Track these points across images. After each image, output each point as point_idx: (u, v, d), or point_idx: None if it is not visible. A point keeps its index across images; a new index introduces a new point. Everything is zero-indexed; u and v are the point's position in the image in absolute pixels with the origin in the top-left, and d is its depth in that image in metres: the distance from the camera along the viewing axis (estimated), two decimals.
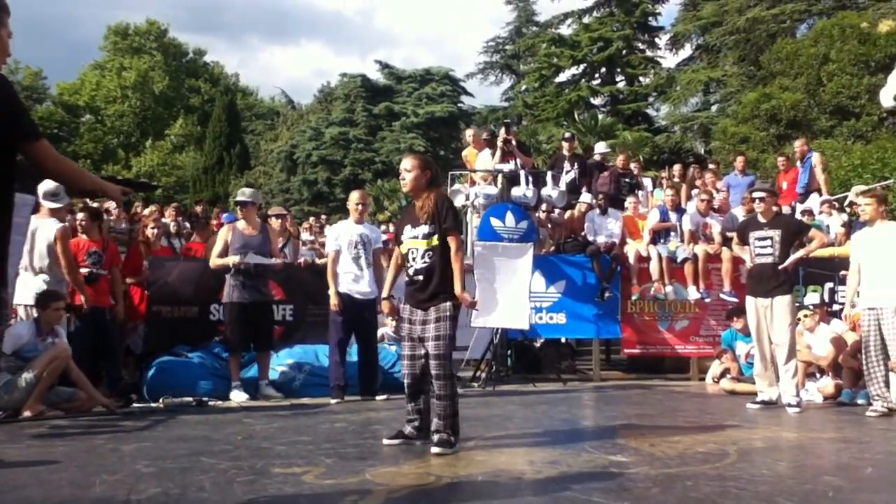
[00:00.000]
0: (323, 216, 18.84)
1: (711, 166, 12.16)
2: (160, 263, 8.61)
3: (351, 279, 7.58)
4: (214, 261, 7.63)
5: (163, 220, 10.33)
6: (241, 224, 7.74)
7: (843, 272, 9.59)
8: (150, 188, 28.99)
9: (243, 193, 7.86)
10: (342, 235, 7.68)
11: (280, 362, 7.96)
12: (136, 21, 47.91)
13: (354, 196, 7.94)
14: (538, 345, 10.30)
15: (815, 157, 11.80)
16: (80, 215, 7.66)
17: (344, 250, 7.62)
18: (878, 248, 6.83)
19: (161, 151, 42.59)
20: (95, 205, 8.75)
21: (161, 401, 7.10)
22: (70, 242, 7.02)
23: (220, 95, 39.83)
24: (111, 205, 9.84)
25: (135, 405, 7.01)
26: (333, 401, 7.33)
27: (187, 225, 11.59)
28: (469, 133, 12.01)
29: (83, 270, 7.14)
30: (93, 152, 41.90)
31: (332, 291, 7.53)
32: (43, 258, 6.79)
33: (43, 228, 6.78)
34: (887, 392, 6.80)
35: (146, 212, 12.34)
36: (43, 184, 6.77)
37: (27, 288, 6.68)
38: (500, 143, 9.95)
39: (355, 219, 7.80)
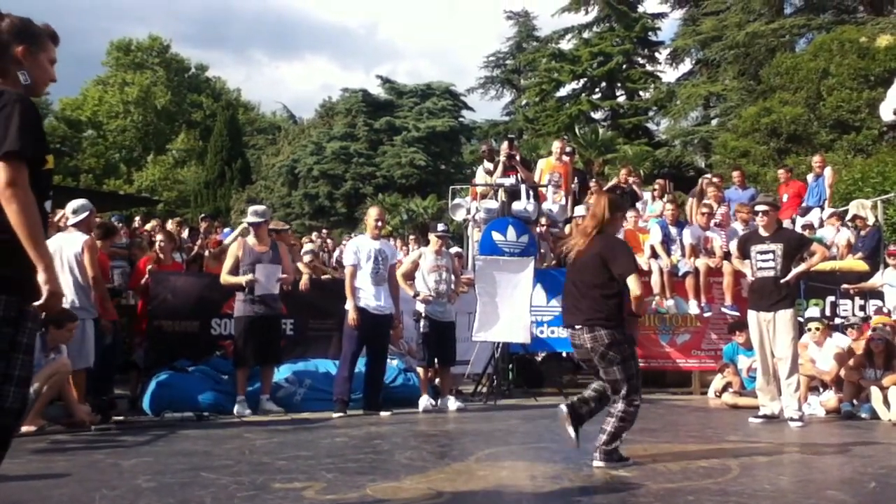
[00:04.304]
0: (324, 230, 18.88)
1: (715, 180, 12.18)
2: (162, 278, 8.60)
3: (369, 294, 7.60)
4: (225, 278, 7.62)
5: (172, 232, 10.35)
6: (251, 240, 7.73)
7: (844, 286, 9.62)
8: (151, 203, 29.12)
9: (256, 213, 7.83)
10: (361, 251, 7.70)
11: (281, 376, 7.93)
12: (139, 37, 48.27)
13: (373, 212, 8.00)
14: (539, 359, 10.28)
15: (829, 172, 11.86)
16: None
17: (363, 265, 7.64)
18: None
19: (163, 166, 42.75)
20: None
21: (162, 415, 7.07)
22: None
23: (222, 110, 40.00)
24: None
25: (131, 420, 6.97)
26: (335, 415, 7.31)
27: (188, 240, 11.61)
28: (556, 145, 11.93)
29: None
30: (95, 167, 42.07)
31: (350, 306, 7.53)
32: (71, 270, 6.80)
33: (70, 241, 6.86)
34: None
35: (148, 227, 12.40)
36: (69, 203, 7.11)
37: None
38: (503, 158, 9.98)
39: (373, 234, 7.84)
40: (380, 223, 7.90)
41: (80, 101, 45.18)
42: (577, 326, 4.97)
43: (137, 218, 14.90)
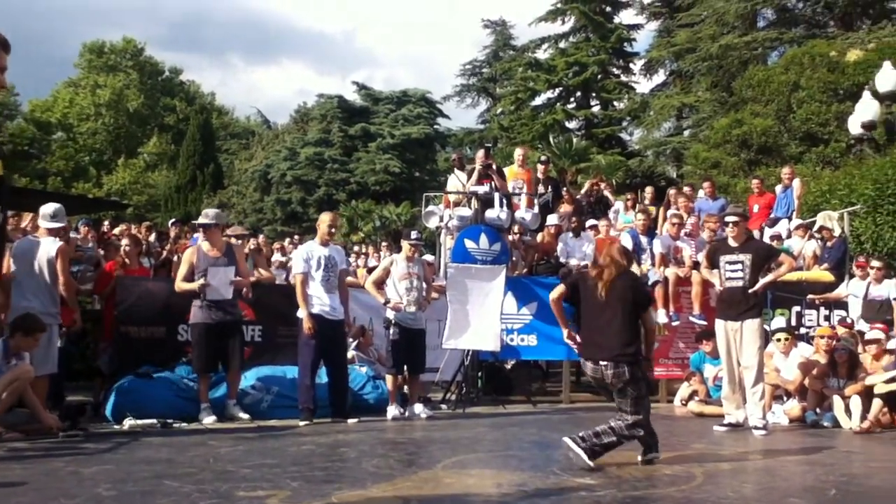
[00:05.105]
0: (296, 236, 18.77)
1: (686, 189, 12.31)
2: (129, 283, 8.49)
3: (323, 301, 7.53)
4: (179, 284, 7.49)
5: (139, 237, 10.21)
6: (205, 246, 7.58)
7: (810, 296, 9.75)
8: (120, 207, 28.78)
9: (206, 216, 7.71)
10: (312, 257, 7.63)
11: (248, 383, 7.85)
12: (113, 39, 47.77)
13: (326, 218, 7.90)
14: (509, 367, 10.29)
15: (797, 184, 12.02)
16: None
17: (314, 273, 7.58)
18: None
19: (133, 170, 42.31)
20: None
21: (125, 422, 6.96)
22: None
23: (195, 114, 39.70)
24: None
25: (94, 426, 6.84)
26: (302, 423, 7.25)
27: (157, 245, 11.48)
28: (518, 153, 11.95)
29: None
30: (64, 169, 41.51)
31: (304, 314, 7.44)
32: (41, 274, 6.71)
33: (44, 245, 6.79)
34: None
35: (117, 230, 12.23)
36: (44, 206, 7.00)
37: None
38: (478, 167, 10.00)
39: (323, 240, 7.76)
40: (332, 229, 7.84)
41: (51, 102, 44.61)
42: (602, 363, 5.24)
43: (106, 222, 14.70)
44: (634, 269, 9.56)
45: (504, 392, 9.65)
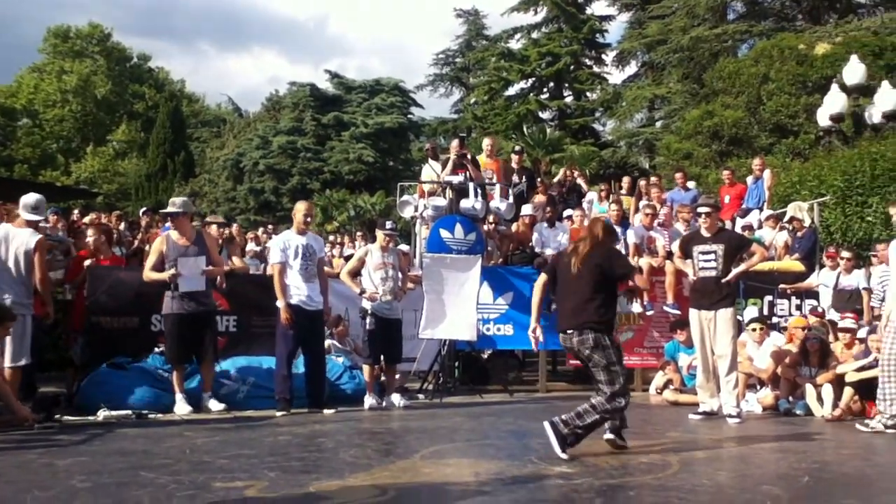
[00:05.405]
0: (270, 226, 18.63)
1: (654, 180, 12.43)
2: (101, 272, 8.36)
3: (300, 290, 7.48)
4: (148, 274, 7.36)
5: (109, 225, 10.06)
6: (174, 234, 7.46)
7: (781, 285, 9.89)
8: (90, 195, 28.31)
9: (173, 204, 7.57)
10: (289, 247, 7.58)
11: (223, 374, 7.78)
12: (79, 24, 46.82)
13: (302, 207, 7.83)
14: (486, 356, 10.32)
15: (768, 175, 12.17)
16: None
17: (291, 262, 7.52)
18: None
19: (102, 158, 41.63)
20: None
21: (99, 414, 6.87)
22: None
23: (165, 101, 39.13)
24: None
25: (69, 418, 6.75)
26: (279, 413, 7.21)
27: (128, 234, 11.32)
28: (486, 142, 11.98)
29: None
30: (30, 157, 40.73)
31: (281, 304, 7.39)
32: (17, 265, 6.58)
33: (21, 236, 6.65)
34: None
35: (86, 219, 12.03)
36: (25, 196, 6.85)
37: None
38: (453, 156, 9.99)
39: (299, 229, 7.71)
40: (308, 218, 7.79)
41: (15, 88, 43.62)
42: (568, 331, 5.30)
43: (76, 211, 14.46)
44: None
45: (481, 382, 9.67)
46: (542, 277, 5.68)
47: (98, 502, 3.81)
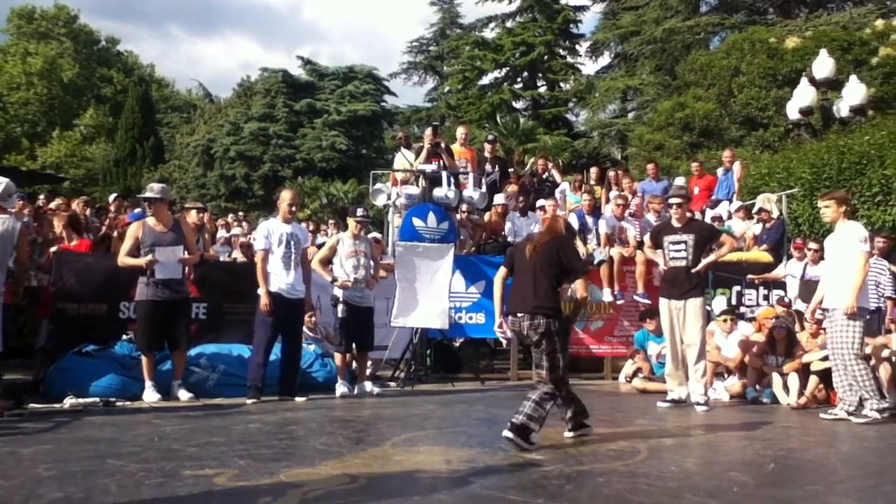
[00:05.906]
0: (241, 213, 18.47)
1: (621, 172, 12.52)
2: (67, 258, 8.23)
3: (282, 279, 7.44)
4: (123, 259, 7.26)
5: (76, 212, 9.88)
6: (151, 220, 7.37)
7: (749, 276, 10.03)
8: (56, 180, 27.81)
9: (151, 189, 7.50)
10: (273, 234, 7.53)
11: (193, 361, 7.71)
12: (44, 5, 45.82)
13: (286, 196, 7.80)
14: (457, 344, 10.34)
15: (738, 167, 12.29)
16: None
17: (274, 249, 7.48)
18: (833, 251, 6.85)
19: (69, 142, 40.83)
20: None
21: (65, 401, 6.77)
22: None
23: (134, 86, 38.52)
24: None
25: (35, 406, 6.64)
26: (249, 401, 7.16)
27: (95, 220, 11.15)
28: (461, 131, 11.92)
29: None
30: None
31: (262, 291, 7.35)
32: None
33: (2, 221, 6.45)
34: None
35: (52, 205, 11.84)
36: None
37: None
38: (427, 145, 9.96)
39: (285, 218, 7.67)
40: (293, 207, 7.76)
41: None
42: (518, 314, 5.27)
43: (42, 196, 14.21)
44: (580, 248, 9.76)
45: (452, 370, 9.70)
46: (502, 271, 5.64)
47: (64, 490, 3.76)
